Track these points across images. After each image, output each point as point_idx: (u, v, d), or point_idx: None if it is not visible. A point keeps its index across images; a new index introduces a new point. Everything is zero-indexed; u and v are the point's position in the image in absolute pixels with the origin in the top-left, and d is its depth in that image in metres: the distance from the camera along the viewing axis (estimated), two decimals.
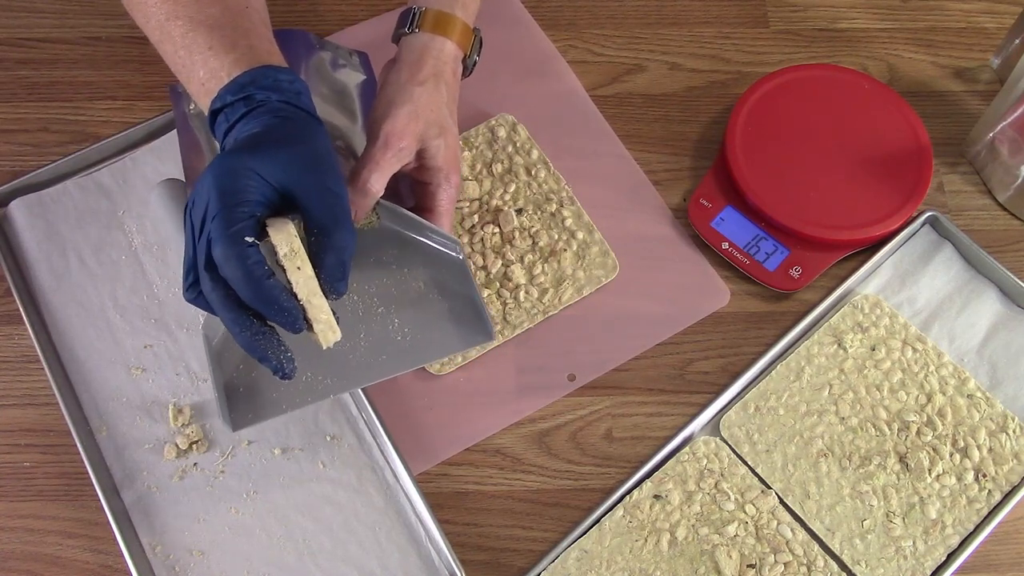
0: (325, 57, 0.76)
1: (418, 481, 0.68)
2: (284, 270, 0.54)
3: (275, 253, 0.54)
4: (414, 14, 0.68)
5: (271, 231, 0.54)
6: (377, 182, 0.63)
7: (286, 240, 0.54)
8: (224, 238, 0.52)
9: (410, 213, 0.65)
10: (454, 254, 0.66)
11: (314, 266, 0.55)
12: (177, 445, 0.69)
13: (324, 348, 0.56)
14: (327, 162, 0.57)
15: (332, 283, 0.56)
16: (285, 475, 0.69)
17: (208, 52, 0.59)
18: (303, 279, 0.54)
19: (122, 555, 0.65)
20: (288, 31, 0.75)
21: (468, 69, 0.72)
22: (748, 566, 0.66)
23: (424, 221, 0.66)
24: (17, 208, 0.76)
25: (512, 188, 0.77)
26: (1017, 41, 0.82)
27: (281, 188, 0.55)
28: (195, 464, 0.69)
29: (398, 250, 0.66)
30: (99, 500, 0.66)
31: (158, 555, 0.66)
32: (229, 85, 0.58)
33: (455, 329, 0.65)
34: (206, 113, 0.60)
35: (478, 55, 0.72)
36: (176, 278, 0.73)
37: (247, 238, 0.52)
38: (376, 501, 0.68)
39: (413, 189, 0.70)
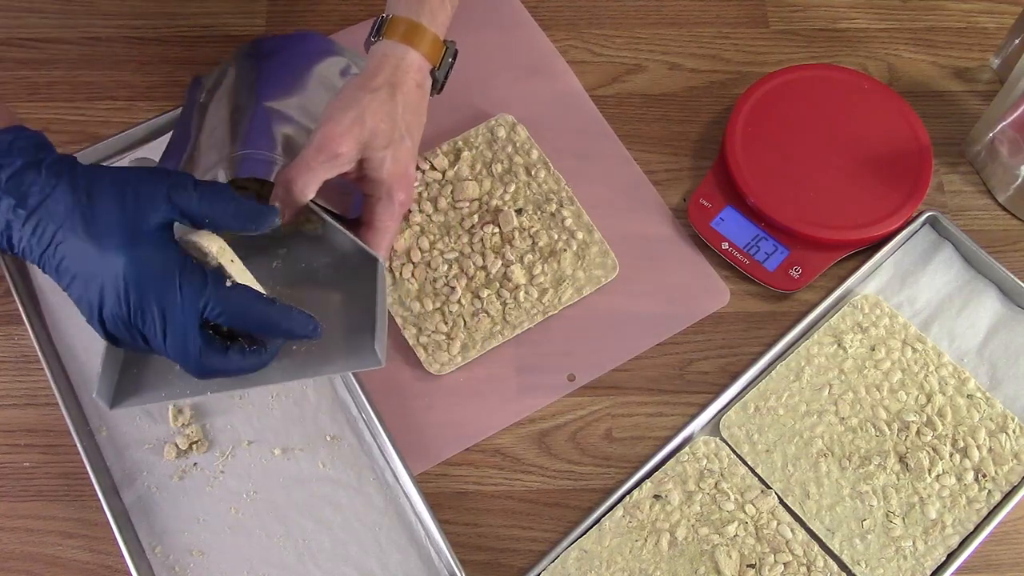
0: (337, 63, 0.75)
1: (418, 481, 0.68)
2: (219, 267, 0.55)
3: (205, 255, 0.55)
4: (381, 20, 0.66)
5: (195, 238, 0.55)
6: (306, 186, 0.60)
7: (213, 240, 0.55)
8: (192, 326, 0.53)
9: (339, 227, 0.63)
10: (370, 271, 0.62)
11: None
12: (177, 445, 0.69)
13: None
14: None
15: None
16: (285, 475, 0.69)
17: None
18: (237, 270, 0.56)
19: (122, 555, 0.65)
20: (304, 33, 0.75)
21: (438, 83, 0.68)
22: (748, 566, 0.66)
23: (345, 233, 0.63)
24: None
25: (512, 188, 0.77)
26: (1017, 41, 0.82)
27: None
28: (195, 464, 0.69)
29: (325, 257, 0.64)
30: (99, 500, 0.66)
31: (158, 555, 0.66)
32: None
33: (346, 349, 0.61)
34: None
35: (450, 69, 0.69)
36: None
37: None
38: (376, 501, 0.68)
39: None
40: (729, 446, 0.70)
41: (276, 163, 0.65)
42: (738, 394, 0.72)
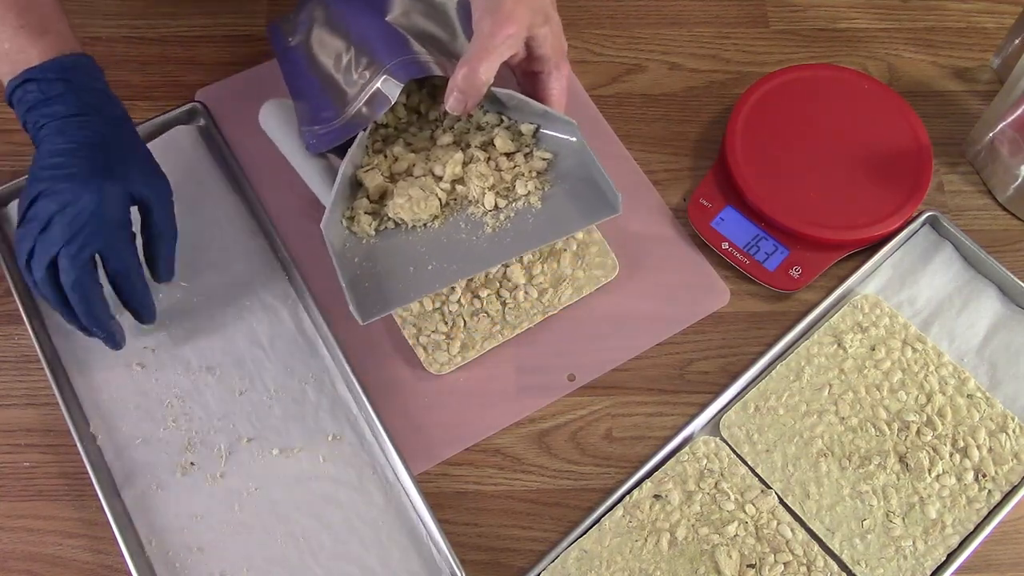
0: None
1: (418, 481, 0.68)
2: None
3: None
4: None
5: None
6: (487, 70, 0.64)
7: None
8: (79, 261, 0.62)
9: (525, 97, 0.68)
10: (572, 138, 0.69)
11: (146, 260, 0.68)
12: (177, 443, 0.69)
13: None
14: (153, 162, 0.67)
15: (164, 277, 0.70)
16: (285, 473, 0.69)
17: (19, 30, 0.64)
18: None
19: (122, 555, 0.64)
20: None
21: None
22: (748, 566, 0.66)
23: (540, 105, 0.68)
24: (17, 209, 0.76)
25: None
26: (1017, 41, 0.82)
27: (139, 201, 0.65)
28: (193, 463, 0.69)
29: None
30: (99, 500, 0.66)
31: (157, 552, 0.66)
32: (50, 63, 0.64)
33: (578, 207, 0.68)
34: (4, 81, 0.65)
35: None
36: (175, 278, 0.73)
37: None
38: (376, 499, 0.68)
39: (521, 84, 0.72)
40: (729, 446, 0.70)
41: (430, 61, 0.69)
42: (738, 394, 0.72)
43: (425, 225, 0.70)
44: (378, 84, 0.69)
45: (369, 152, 0.72)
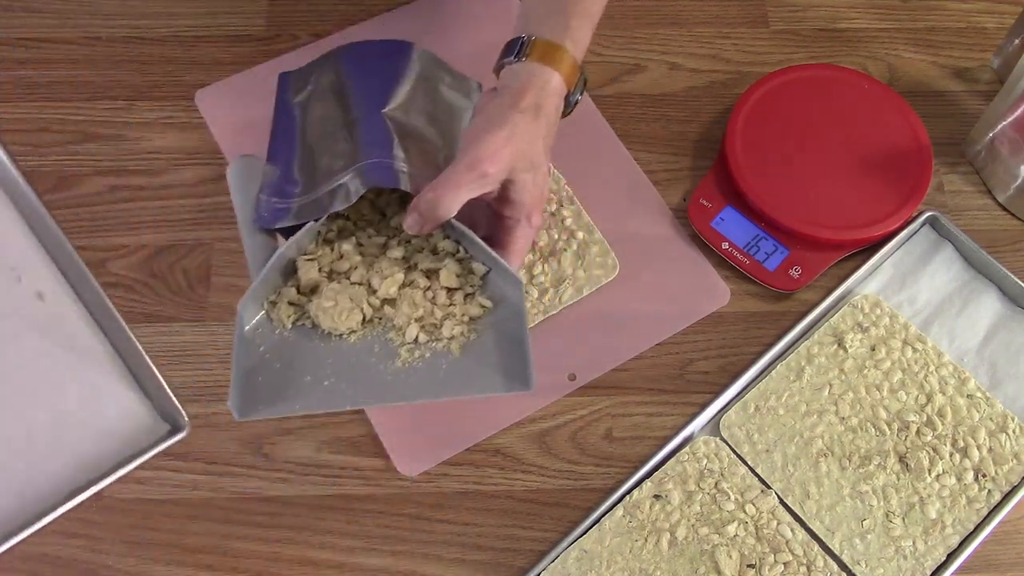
0: (437, 74, 0.76)
1: (418, 481, 0.68)
2: None
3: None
4: (523, 42, 0.65)
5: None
6: (451, 203, 0.60)
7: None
8: None
9: (481, 243, 0.63)
10: (514, 298, 0.64)
11: None
12: None
13: None
14: None
15: None
16: None
17: None
18: None
19: None
20: (402, 42, 0.76)
21: (570, 107, 0.68)
22: (748, 566, 0.66)
23: (493, 254, 0.63)
24: None
25: None
26: (1017, 41, 0.82)
27: None
28: None
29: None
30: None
31: None
32: None
33: (492, 371, 0.63)
34: None
35: (581, 94, 0.68)
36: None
37: None
38: (81, 348, 0.62)
39: (490, 219, 0.67)
40: (729, 446, 0.70)
41: (404, 172, 0.65)
42: (738, 394, 0.72)
43: (341, 336, 0.65)
44: (346, 179, 0.65)
45: (319, 240, 0.67)
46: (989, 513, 0.67)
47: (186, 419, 0.58)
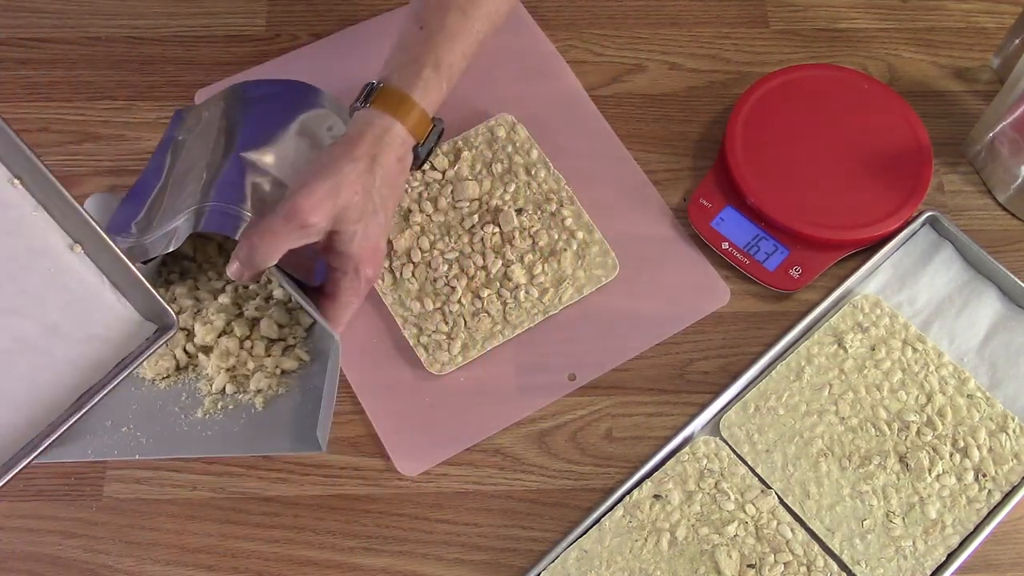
0: (323, 117, 0.73)
1: (418, 481, 0.68)
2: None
3: None
4: (372, 88, 0.64)
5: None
6: (268, 253, 0.58)
7: None
8: None
9: (300, 294, 0.62)
10: (327, 355, 0.62)
11: None
12: None
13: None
14: None
15: None
16: None
17: None
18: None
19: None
20: (295, 83, 0.74)
21: (419, 159, 0.66)
22: (748, 566, 0.66)
23: (310, 308, 0.62)
24: None
25: (512, 188, 0.77)
26: (1017, 41, 0.82)
27: None
28: None
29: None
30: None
31: None
32: None
33: (288, 430, 0.62)
34: None
35: (434, 145, 0.67)
36: None
37: None
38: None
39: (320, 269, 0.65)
40: (729, 446, 0.70)
41: (243, 219, 0.64)
42: (738, 394, 0.72)
43: (153, 380, 0.65)
44: (180, 221, 0.64)
45: (161, 277, 0.67)
46: (989, 513, 0.67)
47: (173, 316, 0.56)
